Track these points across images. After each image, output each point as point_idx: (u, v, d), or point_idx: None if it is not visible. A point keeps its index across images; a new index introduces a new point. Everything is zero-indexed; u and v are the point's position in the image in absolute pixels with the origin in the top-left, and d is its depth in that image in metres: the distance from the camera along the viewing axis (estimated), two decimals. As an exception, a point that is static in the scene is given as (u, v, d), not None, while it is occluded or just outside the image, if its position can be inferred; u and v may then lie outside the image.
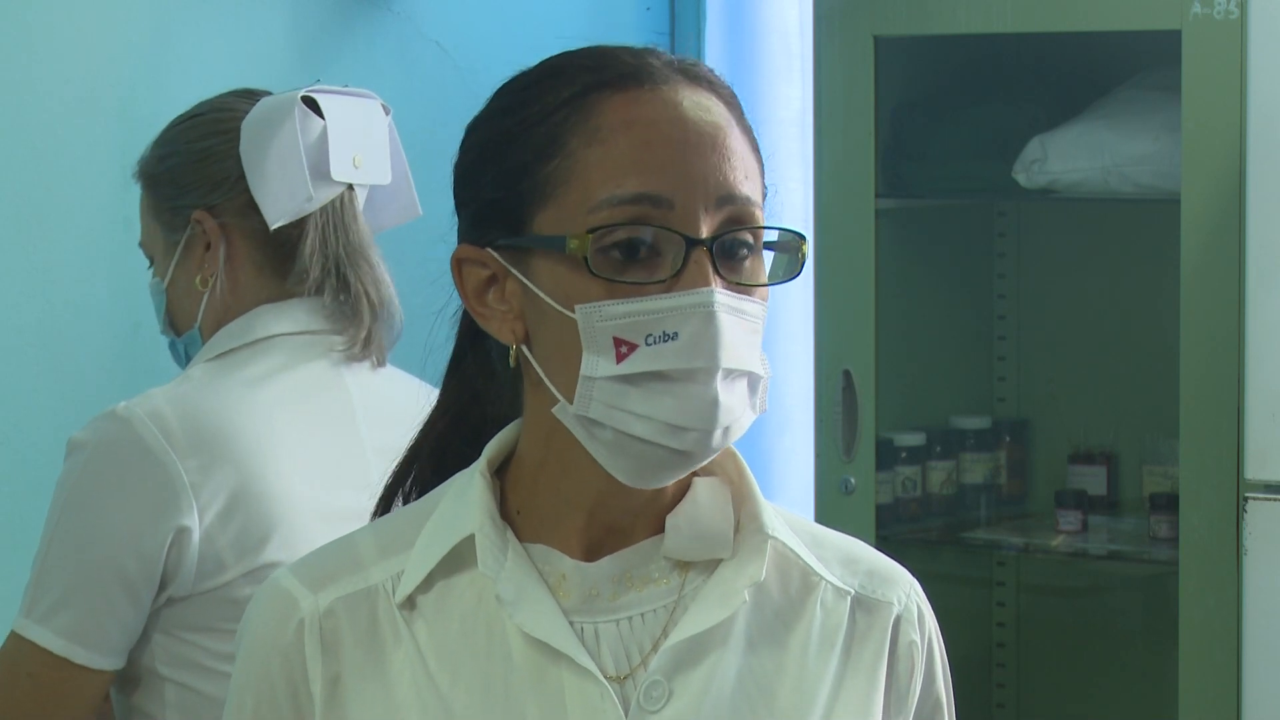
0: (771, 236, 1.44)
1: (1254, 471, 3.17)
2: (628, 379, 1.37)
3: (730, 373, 1.38)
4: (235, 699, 1.50)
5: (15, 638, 2.14)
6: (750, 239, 1.41)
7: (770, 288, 1.43)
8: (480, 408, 1.53)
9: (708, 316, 1.37)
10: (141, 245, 2.33)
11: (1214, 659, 3.21)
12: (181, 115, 2.31)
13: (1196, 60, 3.20)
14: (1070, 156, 3.51)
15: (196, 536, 2.10)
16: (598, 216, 1.38)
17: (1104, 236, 3.87)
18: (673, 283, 1.38)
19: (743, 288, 1.40)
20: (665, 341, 1.37)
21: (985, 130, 3.66)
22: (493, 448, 1.49)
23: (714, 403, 1.38)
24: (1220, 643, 3.20)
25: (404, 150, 2.38)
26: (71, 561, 2.12)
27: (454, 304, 1.52)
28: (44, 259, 2.87)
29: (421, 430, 1.56)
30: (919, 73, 3.80)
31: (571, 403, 1.39)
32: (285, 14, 3.22)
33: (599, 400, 1.38)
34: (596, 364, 1.38)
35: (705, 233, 1.39)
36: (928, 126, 3.73)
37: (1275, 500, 3.16)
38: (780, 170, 3.80)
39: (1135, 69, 3.64)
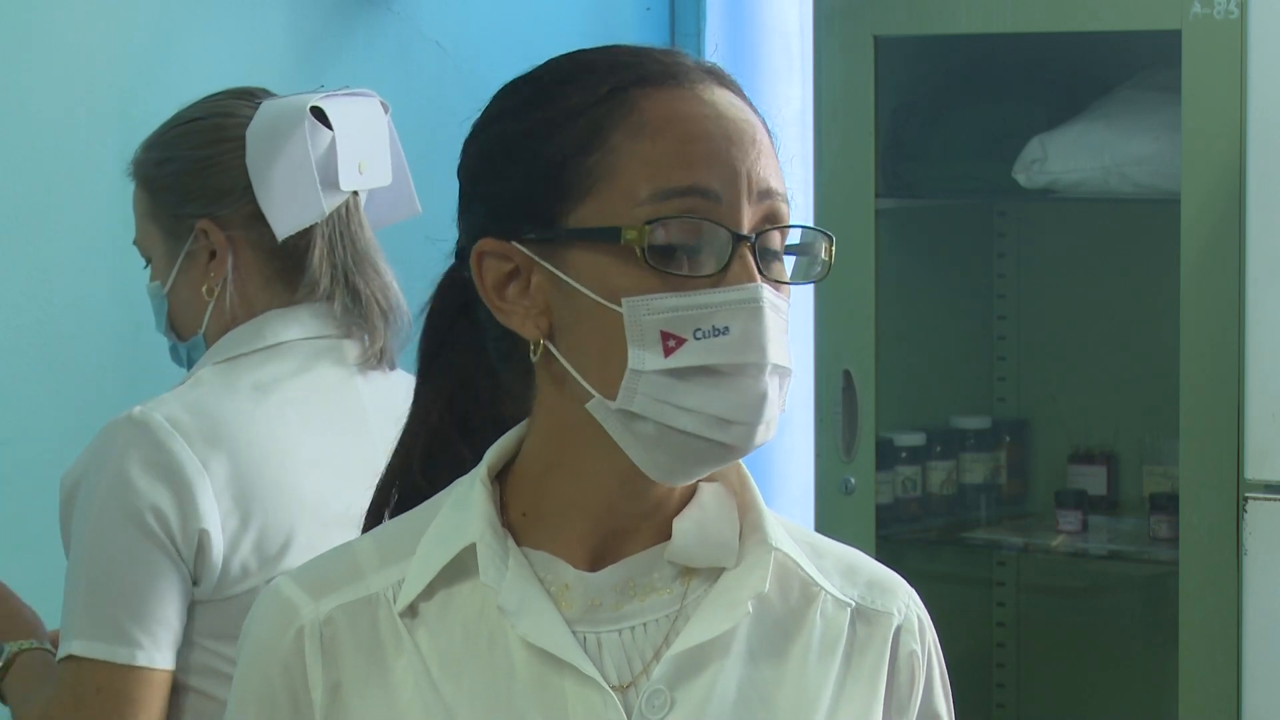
0: (794, 239, 1.46)
1: (1254, 471, 3.17)
2: (676, 373, 1.38)
3: (776, 369, 1.40)
4: (237, 707, 1.49)
5: (71, 661, 2.10)
6: (781, 238, 1.44)
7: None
8: (465, 404, 1.52)
9: (756, 312, 1.39)
10: (137, 244, 2.29)
11: (1214, 659, 3.21)
12: (179, 116, 2.26)
13: (1196, 60, 3.20)
14: (1070, 156, 3.51)
15: (220, 541, 2.09)
16: (647, 209, 1.39)
17: (1104, 236, 3.87)
18: (720, 277, 1.39)
19: (779, 285, 1.42)
20: (716, 336, 1.38)
21: (985, 130, 3.66)
22: (493, 454, 1.48)
23: (763, 397, 1.39)
24: (1220, 643, 3.20)
25: (404, 151, 2.37)
26: (111, 571, 2.09)
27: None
28: (44, 259, 2.88)
29: (406, 433, 1.54)
30: (919, 73, 3.80)
31: (611, 397, 1.39)
32: (285, 14, 3.22)
33: (644, 394, 1.38)
34: (643, 358, 1.38)
35: (747, 227, 1.40)
36: (928, 126, 3.73)
37: (1275, 500, 3.16)
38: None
39: (1135, 69, 3.64)
